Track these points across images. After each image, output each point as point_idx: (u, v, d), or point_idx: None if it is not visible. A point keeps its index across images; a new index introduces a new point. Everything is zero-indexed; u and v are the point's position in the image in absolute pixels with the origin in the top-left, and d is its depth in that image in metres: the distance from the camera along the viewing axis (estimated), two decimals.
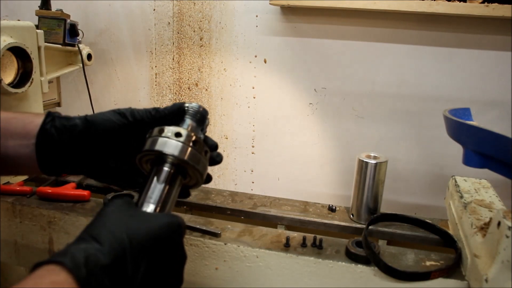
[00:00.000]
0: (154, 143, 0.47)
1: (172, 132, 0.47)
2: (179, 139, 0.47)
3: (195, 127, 0.53)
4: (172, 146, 0.47)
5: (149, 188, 0.47)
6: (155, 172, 0.48)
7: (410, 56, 1.16)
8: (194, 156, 0.48)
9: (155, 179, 0.47)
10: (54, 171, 0.51)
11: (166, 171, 0.48)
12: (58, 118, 0.50)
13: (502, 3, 0.98)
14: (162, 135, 0.47)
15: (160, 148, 0.47)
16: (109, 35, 1.37)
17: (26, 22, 0.97)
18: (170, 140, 0.47)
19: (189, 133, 0.48)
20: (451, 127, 0.75)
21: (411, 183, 1.25)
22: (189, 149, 0.47)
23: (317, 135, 1.28)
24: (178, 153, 0.47)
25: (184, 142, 0.47)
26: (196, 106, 0.54)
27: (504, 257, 0.57)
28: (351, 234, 0.90)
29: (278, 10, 1.21)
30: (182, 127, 0.49)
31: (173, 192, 0.48)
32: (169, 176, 0.47)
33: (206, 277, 0.80)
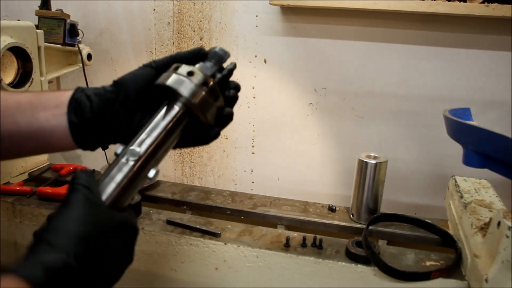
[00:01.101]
0: (166, 79, 0.46)
1: (186, 71, 0.46)
2: (192, 79, 0.46)
3: (210, 69, 0.51)
4: (184, 86, 0.45)
5: (147, 127, 0.45)
6: (163, 107, 0.47)
7: (410, 56, 1.16)
8: (204, 101, 0.47)
9: (159, 115, 0.46)
10: (87, 142, 0.49)
11: (176, 110, 0.46)
12: (88, 88, 0.49)
13: (502, 3, 0.97)
14: (177, 72, 0.46)
15: (172, 85, 0.46)
16: (109, 35, 1.37)
17: (26, 22, 0.97)
18: (184, 79, 0.46)
19: (205, 75, 0.47)
20: (451, 127, 0.75)
21: (411, 183, 1.25)
22: (202, 94, 0.46)
23: (317, 135, 1.28)
24: (188, 94, 0.45)
25: (197, 84, 0.46)
26: (217, 48, 0.54)
27: (504, 257, 0.57)
28: (351, 234, 0.90)
29: (278, 10, 1.21)
30: (198, 68, 0.49)
31: (173, 133, 0.47)
32: (176, 115, 0.46)
33: (206, 277, 0.80)
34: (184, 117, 0.47)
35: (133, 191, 0.43)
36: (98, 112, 0.47)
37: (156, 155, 0.45)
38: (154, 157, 0.44)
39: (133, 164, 0.42)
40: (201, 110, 0.47)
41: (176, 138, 0.48)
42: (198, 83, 0.46)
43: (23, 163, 1.04)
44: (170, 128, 0.46)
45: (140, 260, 0.83)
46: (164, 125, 0.46)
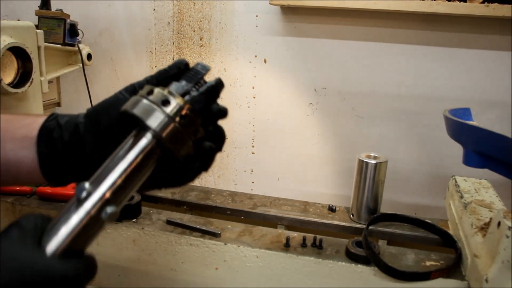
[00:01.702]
0: (135, 105, 0.39)
1: (157, 96, 0.39)
2: (162, 106, 0.39)
3: (183, 89, 0.43)
4: (156, 119, 0.38)
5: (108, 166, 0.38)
6: (130, 139, 0.40)
7: (410, 56, 1.16)
8: (176, 134, 0.39)
9: (124, 148, 0.39)
10: (57, 176, 0.44)
11: (144, 142, 0.39)
12: (62, 116, 0.44)
13: (502, 3, 0.97)
14: (147, 97, 0.39)
15: (140, 115, 0.38)
16: (109, 35, 1.37)
17: (26, 22, 0.97)
18: (152, 106, 0.39)
19: (182, 104, 0.40)
20: (451, 127, 0.75)
21: (411, 183, 1.25)
22: (171, 126, 0.39)
23: (317, 135, 1.28)
24: (157, 127, 0.38)
25: (169, 115, 0.39)
26: (200, 66, 0.46)
27: (504, 257, 0.57)
28: (351, 234, 0.90)
29: (278, 10, 1.21)
30: (171, 91, 0.41)
31: (140, 171, 0.39)
32: (144, 149, 0.39)
33: (206, 277, 0.80)
34: (152, 151, 0.39)
35: (83, 234, 0.35)
36: (69, 144, 0.43)
37: (115, 195, 0.37)
38: (113, 198, 0.37)
39: (77, 204, 0.35)
40: (173, 145, 0.39)
41: (143, 176, 0.40)
42: (170, 112, 0.39)
43: None
44: (136, 164, 0.38)
45: (140, 260, 0.83)
46: (129, 160, 0.38)
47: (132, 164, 0.38)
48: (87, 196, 0.35)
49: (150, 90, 0.40)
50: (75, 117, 0.44)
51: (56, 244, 0.34)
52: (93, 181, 0.37)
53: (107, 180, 0.37)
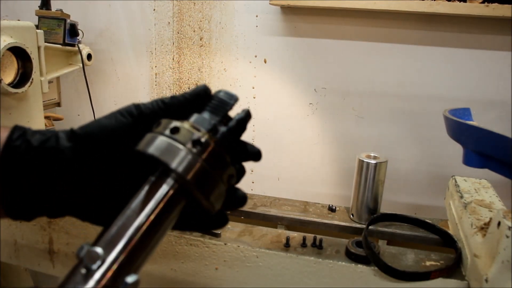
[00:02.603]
0: (150, 144, 0.32)
1: (183, 134, 0.32)
2: (188, 145, 0.32)
3: (209, 123, 0.35)
4: (178, 158, 0.31)
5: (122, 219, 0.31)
6: (146, 189, 0.33)
7: (410, 56, 1.16)
8: (204, 177, 0.32)
9: (138, 203, 0.32)
10: (23, 212, 0.34)
11: (164, 189, 0.32)
12: (32, 132, 0.34)
13: (502, 3, 0.97)
14: (166, 134, 0.32)
15: (158, 154, 0.31)
16: (109, 35, 1.37)
17: (26, 22, 0.97)
18: (176, 145, 0.32)
19: (208, 138, 0.33)
20: (451, 127, 0.75)
21: (411, 183, 1.25)
22: (197, 165, 0.32)
23: (317, 135, 1.28)
24: (181, 168, 0.31)
25: (197, 154, 0.32)
26: (221, 93, 0.38)
27: (504, 257, 0.57)
28: (351, 234, 0.90)
29: (278, 10, 1.21)
30: (194, 124, 0.34)
31: (162, 224, 0.32)
32: (164, 197, 0.32)
33: (206, 277, 0.80)
34: (176, 199, 0.33)
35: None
36: (44, 174, 0.33)
37: (133, 260, 0.30)
38: (130, 264, 0.30)
39: (87, 275, 0.28)
40: (200, 189, 0.32)
41: (166, 229, 0.33)
42: (195, 149, 0.32)
43: None
44: (155, 217, 0.31)
45: None
46: (146, 214, 0.31)
47: (150, 218, 0.31)
48: (100, 265, 0.28)
49: (168, 125, 0.33)
50: (53, 137, 0.34)
51: None
52: (105, 245, 0.30)
53: (121, 242, 0.30)
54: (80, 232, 0.85)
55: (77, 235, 0.86)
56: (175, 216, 0.34)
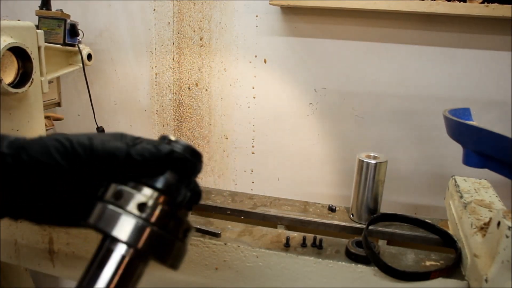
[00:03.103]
0: (101, 217, 0.33)
1: (127, 198, 0.33)
2: (140, 214, 0.32)
3: (173, 185, 0.35)
4: (123, 225, 0.31)
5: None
6: (98, 258, 0.33)
7: (410, 56, 1.16)
8: (157, 240, 0.32)
9: (95, 272, 0.32)
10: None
11: (116, 259, 0.32)
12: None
13: (502, 3, 0.98)
14: (112, 202, 0.33)
15: (104, 227, 0.32)
16: (109, 35, 1.37)
17: (26, 22, 0.97)
18: (121, 213, 0.32)
19: (156, 200, 0.33)
20: (451, 127, 0.75)
21: (411, 183, 1.25)
22: (148, 230, 0.32)
23: (317, 135, 1.28)
24: (131, 238, 0.31)
25: (145, 219, 0.32)
26: (181, 149, 0.36)
27: (504, 257, 0.57)
28: (351, 234, 0.90)
29: (278, 10, 1.21)
30: (147, 188, 0.34)
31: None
32: (118, 268, 0.32)
33: (206, 277, 0.80)
34: (134, 264, 0.33)
35: None
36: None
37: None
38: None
39: None
40: (157, 255, 0.33)
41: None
42: (145, 215, 0.32)
43: None
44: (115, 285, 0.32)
45: None
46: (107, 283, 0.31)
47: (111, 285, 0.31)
48: None
49: (114, 190, 0.33)
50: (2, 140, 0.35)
51: None
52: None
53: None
54: (80, 232, 0.85)
55: (77, 235, 0.86)
56: (138, 279, 0.34)
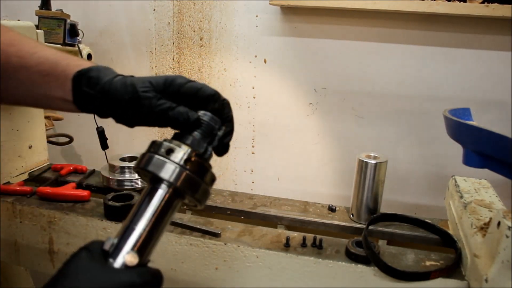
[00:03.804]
0: (149, 162, 0.44)
1: (169, 151, 0.44)
2: (177, 161, 0.44)
3: (199, 142, 0.47)
4: (167, 169, 0.43)
5: (133, 219, 0.42)
6: (148, 194, 0.44)
7: (410, 56, 1.16)
8: (191, 182, 0.44)
9: (144, 204, 0.43)
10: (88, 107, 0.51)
11: (160, 194, 0.44)
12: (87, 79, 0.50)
13: (502, 3, 0.98)
14: (159, 153, 0.44)
15: (154, 170, 0.43)
16: (109, 35, 1.37)
17: (26, 22, 0.97)
18: (166, 161, 0.44)
19: (189, 152, 0.45)
20: (451, 127, 0.75)
21: (411, 183, 1.25)
22: (185, 174, 0.44)
23: (317, 135, 1.28)
24: (172, 178, 0.43)
25: (183, 166, 0.44)
26: (207, 117, 0.49)
27: (504, 257, 0.57)
28: (351, 234, 0.90)
29: (278, 10, 1.21)
30: (183, 144, 0.46)
31: (163, 219, 0.44)
32: (162, 201, 0.44)
33: (206, 277, 0.80)
34: (173, 199, 0.45)
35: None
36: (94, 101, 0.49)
37: (148, 244, 0.42)
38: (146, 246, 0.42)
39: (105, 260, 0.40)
40: (189, 192, 0.45)
41: (168, 221, 0.45)
42: (181, 163, 0.44)
43: (23, 163, 1.04)
44: (158, 215, 0.43)
45: None
46: (153, 211, 0.43)
47: (155, 215, 0.43)
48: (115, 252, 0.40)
49: (160, 145, 0.45)
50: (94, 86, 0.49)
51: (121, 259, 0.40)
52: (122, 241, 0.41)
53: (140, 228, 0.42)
54: (80, 232, 0.85)
55: (77, 235, 0.86)
56: (173, 212, 0.45)
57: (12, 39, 0.52)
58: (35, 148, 1.06)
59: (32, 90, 0.51)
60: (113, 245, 0.40)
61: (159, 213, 0.43)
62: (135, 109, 0.48)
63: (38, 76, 0.50)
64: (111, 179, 0.97)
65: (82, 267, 0.37)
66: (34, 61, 0.50)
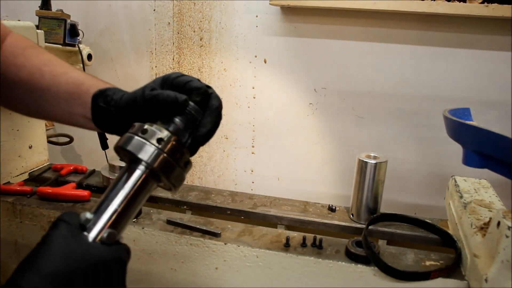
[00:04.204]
0: (129, 142, 0.45)
1: (151, 134, 0.45)
2: (156, 143, 0.45)
3: (180, 130, 0.49)
4: (146, 151, 0.45)
5: (109, 196, 0.44)
6: (125, 172, 0.46)
7: (410, 56, 1.16)
8: (168, 165, 0.45)
9: (121, 182, 0.45)
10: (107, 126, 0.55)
11: (138, 174, 0.45)
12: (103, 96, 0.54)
13: (502, 3, 0.98)
14: (139, 135, 0.46)
15: (134, 150, 0.45)
16: (109, 35, 1.37)
17: (26, 22, 0.97)
18: (146, 143, 0.45)
19: (169, 137, 0.46)
20: (451, 127, 0.75)
21: (411, 183, 1.25)
22: (162, 156, 0.45)
23: (317, 135, 1.28)
24: (150, 160, 0.45)
25: (161, 149, 0.45)
26: (191, 107, 0.50)
27: (504, 257, 0.57)
28: (351, 234, 0.90)
29: (278, 10, 1.21)
30: (164, 129, 0.47)
31: (137, 198, 0.45)
32: (138, 180, 0.45)
33: (206, 277, 0.80)
34: (148, 180, 0.46)
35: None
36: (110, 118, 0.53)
37: (120, 220, 0.44)
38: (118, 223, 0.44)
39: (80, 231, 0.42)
40: (164, 174, 0.46)
41: (142, 201, 0.47)
42: (161, 146, 0.45)
43: (23, 163, 1.04)
44: (133, 193, 0.45)
45: (140, 260, 0.83)
46: (129, 189, 0.45)
47: (130, 194, 0.45)
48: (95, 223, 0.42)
49: (141, 127, 0.46)
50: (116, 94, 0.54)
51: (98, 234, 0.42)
52: (96, 212, 0.43)
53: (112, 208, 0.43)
54: None
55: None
56: (147, 192, 0.47)
57: (46, 59, 0.58)
58: (35, 148, 1.06)
59: (59, 106, 0.56)
60: (88, 220, 0.42)
61: (134, 193, 0.45)
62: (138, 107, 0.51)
63: (66, 94, 0.55)
64: (111, 179, 0.97)
65: (61, 239, 0.39)
66: (64, 80, 0.55)
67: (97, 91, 0.54)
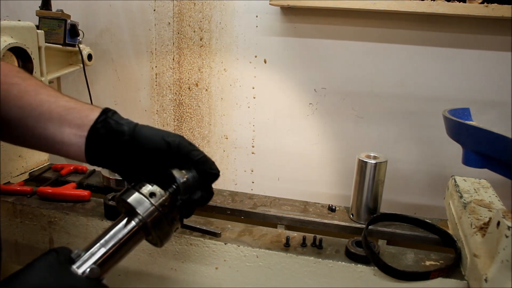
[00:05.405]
0: (129, 195, 0.51)
1: (148, 192, 0.51)
2: (152, 200, 0.51)
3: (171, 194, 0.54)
4: (142, 205, 0.50)
5: (103, 237, 0.49)
6: (121, 221, 0.51)
7: (410, 56, 1.16)
8: (158, 222, 0.51)
9: (116, 230, 0.50)
10: (97, 163, 0.55)
11: (132, 226, 0.51)
12: (111, 118, 0.53)
13: (502, 3, 0.98)
14: (140, 191, 0.51)
15: (132, 203, 0.50)
16: (110, 35, 1.37)
17: (26, 22, 0.97)
18: (144, 199, 0.51)
19: (165, 198, 0.52)
20: (451, 127, 0.75)
21: (411, 183, 1.25)
22: (156, 214, 0.51)
23: (317, 135, 1.28)
24: (144, 214, 0.50)
25: (155, 206, 0.51)
26: (190, 178, 0.55)
27: (503, 257, 0.57)
28: (351, 234, 0.90)
29: (278, 10, 1.21)
30: (161, 190, 0.52)
31: (126, 246, 0.50)
32: (131, 230, 0.50)
33: (206, 277, 0.80)
34: (139, 232, 0.51)
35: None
36: (111, 147, 0.52)
37: (109, 262, 0.48)
38: (107, 264, 0.48)
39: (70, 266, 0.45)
40: (154, 229, 0.51)
41: (130, 249, 0.52)
42: (157, 204, 0.51)
43: (23, 163, 1.04)
44: (124, 241, 0.50)
45: (140, 260, 0.83)
46: (121, 237, 0.49)
47: (121, 241, 0.49)
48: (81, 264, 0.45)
49: (145, 186, 0.52)
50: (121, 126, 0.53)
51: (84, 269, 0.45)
52: (88, 252, 0.46)
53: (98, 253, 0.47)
54: (80, 232, 0.85)
55: (77, 235, 0.86)
56: (136, 242, 0.52)
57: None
58: None
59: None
60: (79, 256, 0.45)
61: (125, 241, 0.50)
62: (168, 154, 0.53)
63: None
64: (111, 179, 0.97)
65: (47, 265, 0.42)
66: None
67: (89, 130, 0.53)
